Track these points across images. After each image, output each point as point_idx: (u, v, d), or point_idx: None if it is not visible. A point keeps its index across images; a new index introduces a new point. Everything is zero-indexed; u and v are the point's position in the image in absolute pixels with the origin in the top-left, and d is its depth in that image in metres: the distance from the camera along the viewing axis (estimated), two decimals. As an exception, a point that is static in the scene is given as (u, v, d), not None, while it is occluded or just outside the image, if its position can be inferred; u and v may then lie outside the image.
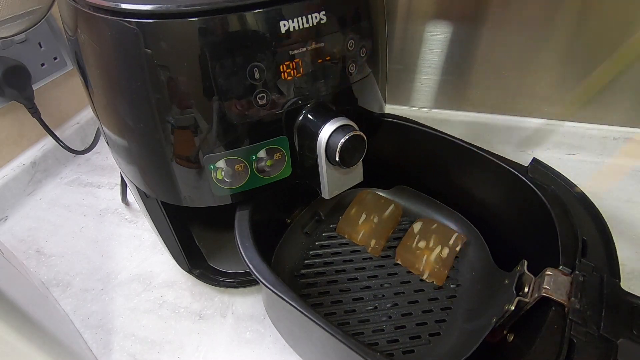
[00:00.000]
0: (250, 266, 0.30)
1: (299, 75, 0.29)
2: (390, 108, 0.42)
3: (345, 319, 0.40)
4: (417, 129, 0.42)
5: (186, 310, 0.44)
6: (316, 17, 0.28)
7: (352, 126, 0.31)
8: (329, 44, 0.30)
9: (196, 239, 0.47)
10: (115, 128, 0.32)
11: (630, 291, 0.27)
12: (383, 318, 0.40)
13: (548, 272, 0.28)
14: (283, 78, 0.29)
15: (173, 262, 0.44)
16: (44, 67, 0.60)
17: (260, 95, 0.28)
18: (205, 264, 0.45)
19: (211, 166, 0.30)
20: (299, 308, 0.27)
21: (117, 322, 0.43)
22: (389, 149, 0.36)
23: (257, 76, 0.28)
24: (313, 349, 0.36)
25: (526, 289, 0.30)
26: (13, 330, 0.27)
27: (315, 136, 0.31)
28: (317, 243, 0.47)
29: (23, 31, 0.49)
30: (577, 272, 0.28)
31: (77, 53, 0.30)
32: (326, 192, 0.34)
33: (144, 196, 0.37)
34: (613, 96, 0.58)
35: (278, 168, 0.33)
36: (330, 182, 0.33)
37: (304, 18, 0.27)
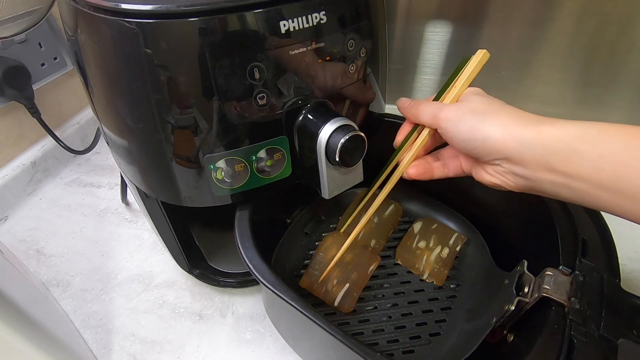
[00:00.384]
0: (250, 266, 0.30)
1: (299, 75, 0.29)
2: (390, 108, 0.42)
3: (345, 319, 0.40)
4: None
5: (186, 310, 0.44)
6: (316, 17, 0.28)
7: (352, 126, 0.31)
8: (329, 44, 0.30)
9: (196, 239, 0.47)
10: (115, 128, 0.32)
11: (630, 291, 0.27)
12: (383, 318, 0.40)
13: (548, 272, 0.28)
14: (283, 78, 0.29)
15: (173, 262, 0.44)
16: (44, 67, 0.60)
17: (260, 95, 0.28)
18: (205, 264, 0.45)
19: (211, 166, 0.30)
20: (299, 308, 0.27)
21: (117, 322, 0.43)
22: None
23: (257, 76, 0.28)
24: (313, 349, 0.36)
25: (526, 289, 0.30)
26: (13, 330, 0.27)
27: (315, 136, 0.31)
28: (317, 243, 0.47)
29: (23, 31, 0.49)
30: (577, 272, 0.28)
31: (77, 53, 0.30)
32: (326, 192, 0.34)
33: (144, 196, 0.37)
34: (613, 96, 0.58)
35: (278, 168, 0.33)
36: (330, 182, 0.33)
37: (304, 18, 0.27)
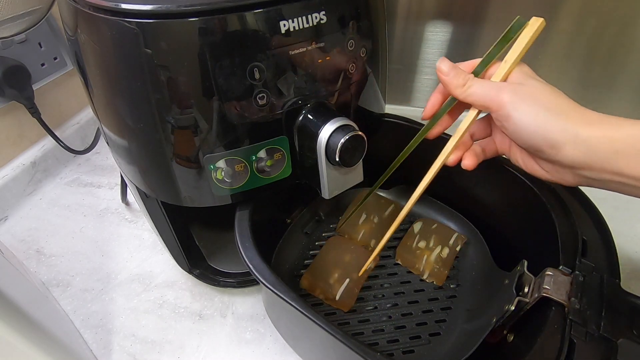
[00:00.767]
0: (250, 266, 0.30)
1: (299, 75, 0.29)
2: (390, 108, 0.42)
3: (345, 319, 0.40)
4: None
5: (186, 310, 0.44)
6: (316, 17, 0.28)
7: (352, 126, 0.31)
8: (329, 44, 0.30)
9: (196, 239, 0.47)
10: (115, 128, 0.32)
11: (630, 291, 0.27)
12: (383, 318, 0.40)
13: (548, 272, 0.28)
14: (283, 78, 0.29)
15: (173, 262, 0.44)
16: (44, 67, 0.60)
17: (260, 95, 0.28)
18: (205, 264, 0.45)
19: (211, 166, 0.30)
20: (299, 308, 0.27)
21: (117, 322, 0.43)
22: (389, 149, 0.36)
23: (257, 76, 0.28)
24: (313, 349, 0.36)
25: (526, 289, 0.30)
26: (13, 330, 0.27)
27: (315, 136, 0.31)
28: (317, 243, 0.47)
29: (23, 31, 0.49)
30: (577, 272, 0.28)
31: (77, 53, 0.30)
32: (326, 192, 0.34)
33: (144, 196, 0.37)
34: (613, 96, 0.58)
35: (278, 168, 0.33)
36: (330, 182, 0.33)
37: (304, 18, 0.27)
